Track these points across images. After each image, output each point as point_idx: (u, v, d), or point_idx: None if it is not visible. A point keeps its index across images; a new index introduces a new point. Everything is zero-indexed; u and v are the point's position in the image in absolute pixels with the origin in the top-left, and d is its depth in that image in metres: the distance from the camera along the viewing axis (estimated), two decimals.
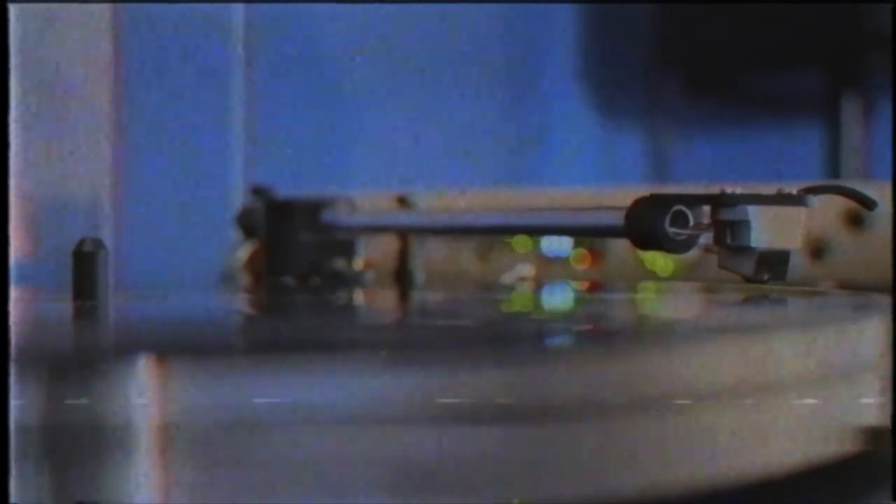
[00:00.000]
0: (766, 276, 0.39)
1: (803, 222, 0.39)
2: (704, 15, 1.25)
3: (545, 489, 0.24)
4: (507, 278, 0.66)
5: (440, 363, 0.24)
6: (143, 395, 0.22)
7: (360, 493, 0.23)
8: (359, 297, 0.51)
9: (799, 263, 0.40)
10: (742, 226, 0.38)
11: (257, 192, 0.57)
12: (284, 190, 0.57)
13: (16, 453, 0.22)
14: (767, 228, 0.38)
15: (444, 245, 0.69)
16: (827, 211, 0.62)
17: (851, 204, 0.43)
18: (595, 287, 0.59)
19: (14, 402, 0.22)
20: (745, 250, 0.39)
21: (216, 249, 0.71)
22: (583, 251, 0.67)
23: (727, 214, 0.39)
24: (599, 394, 0.25)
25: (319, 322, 0.39)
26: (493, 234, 0.65)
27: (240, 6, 0.91)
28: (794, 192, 0.39)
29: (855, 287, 0.55)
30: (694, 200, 0.39)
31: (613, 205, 0.41)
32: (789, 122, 1.32)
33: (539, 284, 0.64)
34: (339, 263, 0.55)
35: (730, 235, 0.39)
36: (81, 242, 0.41)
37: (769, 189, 0.39)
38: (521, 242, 0.68)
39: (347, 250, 0.56)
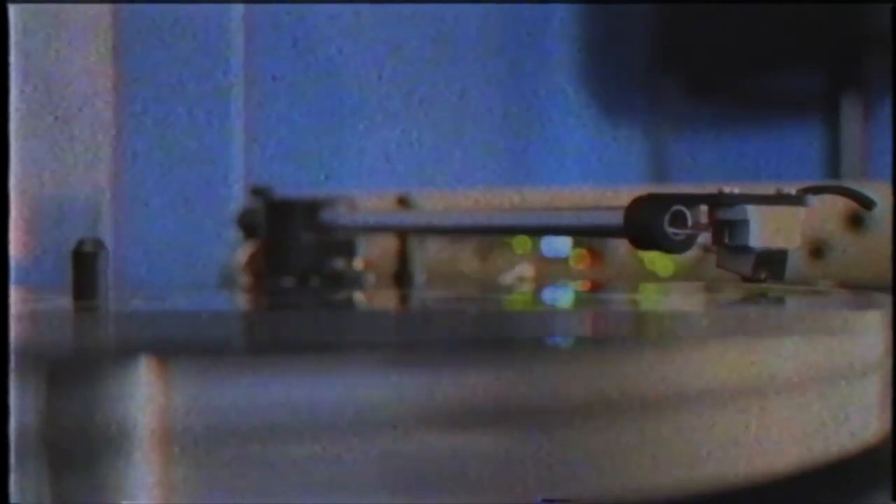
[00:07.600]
0: (764, 276, 0.39)
1: (802, 222, 0.39)
2: (704, 15, 1.26)
3: (545, 489, 0.24)
4: (507, 278, 0.66)
5: (440, 363, 0.24)
6: (143, 395, 0.22)
7: (359, 493, 0.23)
8: (359, 297, 0.51)
9: (799, 263, 0.40)
10: (740, 225, 0.38)
11: (257, 192, 0.57)
12: (284, 190, 0.57)
13: (16, 453, 0.22)
14: (766, 228, 0.38)
15: (444, 245, 0.69)
16: (827, 211, 0.62)
17: (851, 204, 0.43)
18: (595, 287, 0.59)
19: (14, 402, 0.22)
20: (744, 250, 0.39)
21: (216, 249, 0.71)
22: (583, 251, 0.67)
23: (725, 214, 0.39)
24: (599, 394, 0.25)
25: (319, 322, 0.39)
26: (493, 234, 0.65)
27: (240, 6, 0.91)
28: (794, 192, 0.39)
29: (855, 287, 0.55)
30: (692, 200, 0.39)
31: (613, 205, 0.41)
32: (789, 122, 1.32)
33: (539, 284, 0.64)
34: (339, 263, 0.55)
35: (728, 235, 0.39)
36: (81, 242, 0.41)
37: (768, 189, 0.39)
38: (521, 242, 0.68)
39: (347, 250, 0.56)
